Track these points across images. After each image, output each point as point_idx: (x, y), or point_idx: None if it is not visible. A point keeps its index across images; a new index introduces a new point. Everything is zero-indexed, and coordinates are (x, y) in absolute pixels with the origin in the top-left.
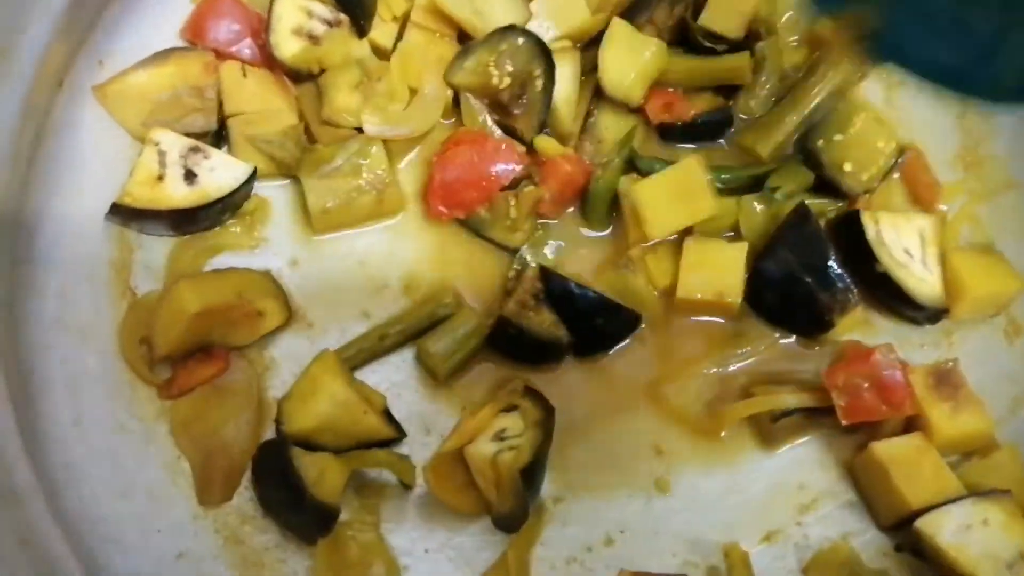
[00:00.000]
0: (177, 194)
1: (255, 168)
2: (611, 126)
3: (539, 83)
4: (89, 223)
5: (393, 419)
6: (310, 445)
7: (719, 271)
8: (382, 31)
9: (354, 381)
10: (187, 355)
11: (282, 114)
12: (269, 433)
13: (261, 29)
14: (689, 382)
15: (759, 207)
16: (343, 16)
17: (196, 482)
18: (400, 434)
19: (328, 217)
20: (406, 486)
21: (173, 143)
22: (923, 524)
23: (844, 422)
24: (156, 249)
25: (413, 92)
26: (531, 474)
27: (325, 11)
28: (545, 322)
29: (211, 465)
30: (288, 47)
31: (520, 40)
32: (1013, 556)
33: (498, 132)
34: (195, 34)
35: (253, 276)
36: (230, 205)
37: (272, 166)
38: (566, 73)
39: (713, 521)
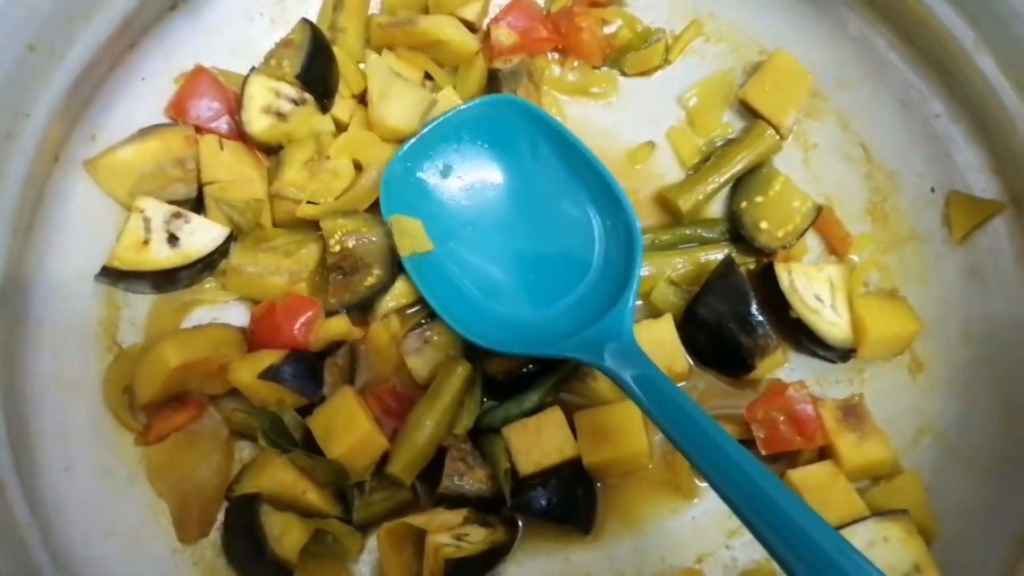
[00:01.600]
0: (161, 256)
1: (231, 230)
2: None
3: (372, 278)
4: (80, 284)
5: (343, 494)
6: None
7: (660, 349)
8: (342, 107)
9: (302, 457)
10: (163, 404)
11: (253, 183)
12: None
13: (237, 107)
14: None
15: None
16: (308, 95)
17: (174, 520)
18: (344, 513)
19: (240, 280)
20: (349, 551)
21: (157, 210)
22: None
23: (763, 452)
24: (140, 306)
25: (359, 168)
26: (458, 571)
27: (291, 91)
28: (483, 478)
29: (187, 505)
30: (258, 123)
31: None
32: (909, 568)
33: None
34: (178, 111)
35: (228, 332)
36: (208, 264)
37: (234, 229)
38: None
39: (652, 545)
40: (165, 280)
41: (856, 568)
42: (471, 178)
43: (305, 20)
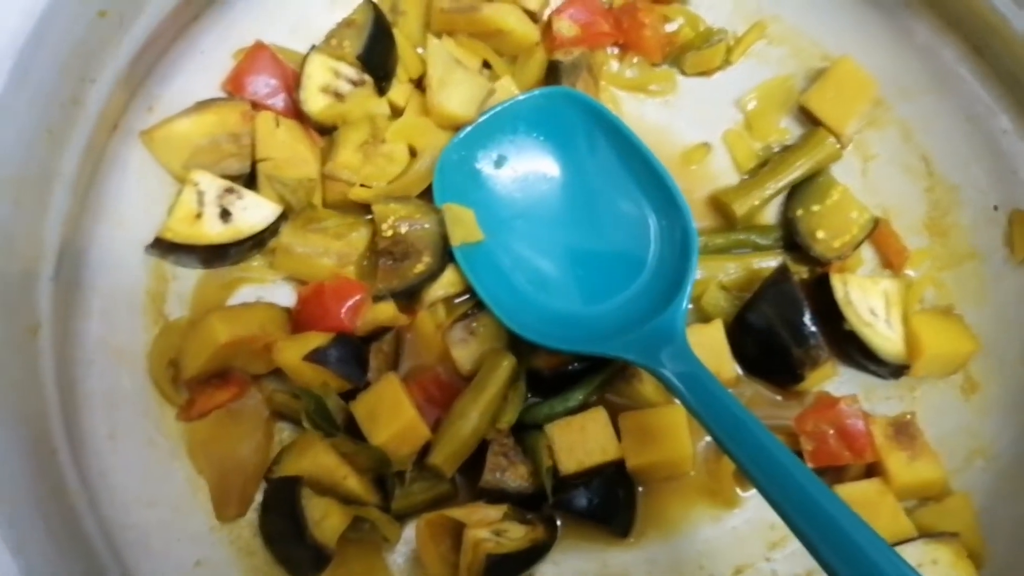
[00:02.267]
0: (213, 231)
1: (283, 209)
2: None
3: (421, 265)
4: (131, 253)
5: (382, 482)
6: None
7: (709, 354)
8: (399, 91)
9: (346, 442)
10: (206, 380)
11: (306, 163)
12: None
13: (294, 85)
14: None
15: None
16: (367, 77)
17: (213, 498)
18: (383, 501)
19: (288, 259)
20: (387, 540)
21: (211, 184)
22: None
23: (811, 465)
24: (187, 280)
25: (414, 153)
26: (499, 568)
27: (351, 72)
28: (524, 475)
29: (226, 483)
30: (315, 103)
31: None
32: None
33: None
34: (236, 87)
35: (274, 311)
36: (259, 242)
37: (286, 207)
38: None
39: (690, 552)
40: (215, 255)
41: None
42: (526, 169)
43: (369, 1)
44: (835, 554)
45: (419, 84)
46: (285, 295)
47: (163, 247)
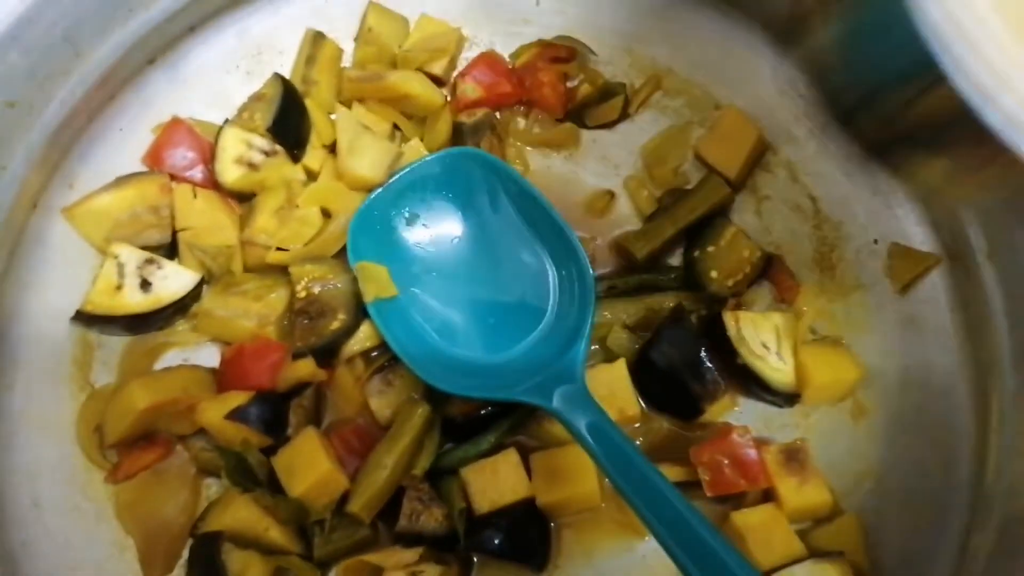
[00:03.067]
0: (133, 301)
1: (204, 275)
2: None
3: (337, 322)
4: (55, 325)
5: (305, 532)
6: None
7: (613, 392)
8: (314, 157)
9: (265, 495)
10: (132, 443)
11: (225, 230)
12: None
13: (211, 156)
14: None
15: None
16: (278, 147)
17: (140, 557)
18: (306, 550)
19: (211, 323)
20: None
21: (131, 256)
22: None
23: (709, 494)
24: (114, 348)
25: (329, 216)
26: None
27: (263, 143)
28: (439, 518)
29: (153, 542)
30: (230, 174)
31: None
32: None
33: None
34: (154, 160)
35: (197, 374)
36: (181, 308)
37: (206, 274)
38: None
39: None
40: (138, 323)
41: None
42: (435, 227)
43: (277, 75)
44: None
45: (333, 149)
46: (210, 356)
47: (85, 319)
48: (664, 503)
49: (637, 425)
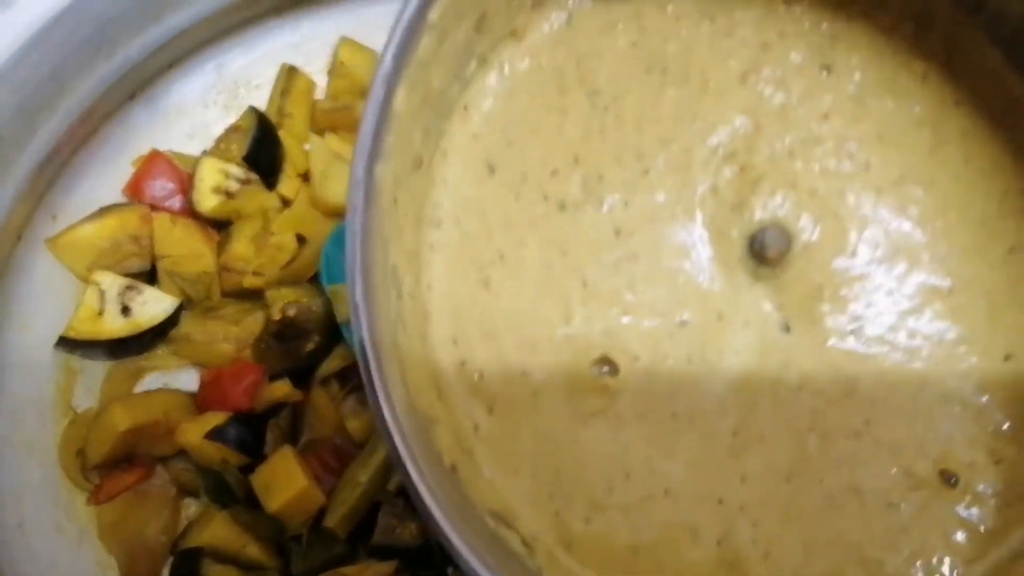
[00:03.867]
0: (114, 326)
1: (182, 300)
2: None
3: (312, 344)
4: (39, 352)
5: (283, 547)
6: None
7: None
8: (288, 185)
9: (243, 512)
10: (114, 465)
11: (203, 257)
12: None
13: (189, 186)
14: None
15: None
16: (253, 175)
17: (122, 575)
18: (283, 566)
19: (190, 347)
20: None
21: (112, 283)
22: None
23: None
24: (96, 373)
25: (303, 241)
26: None
27: (239, 172)
28: (414, 532)
29: (135, 561)
30: (208, 202)
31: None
32: None
33: None
34: (135, 192)
35: (177, 397)
36: (160, 332)
37: (185, 299)
38: None
39: None
40: (118, 348)
41: None
42: None
43: (252, 108)
44: None
45: (306, 177)
46: (190, 380)
47: (68, 344)
48: None
49: None
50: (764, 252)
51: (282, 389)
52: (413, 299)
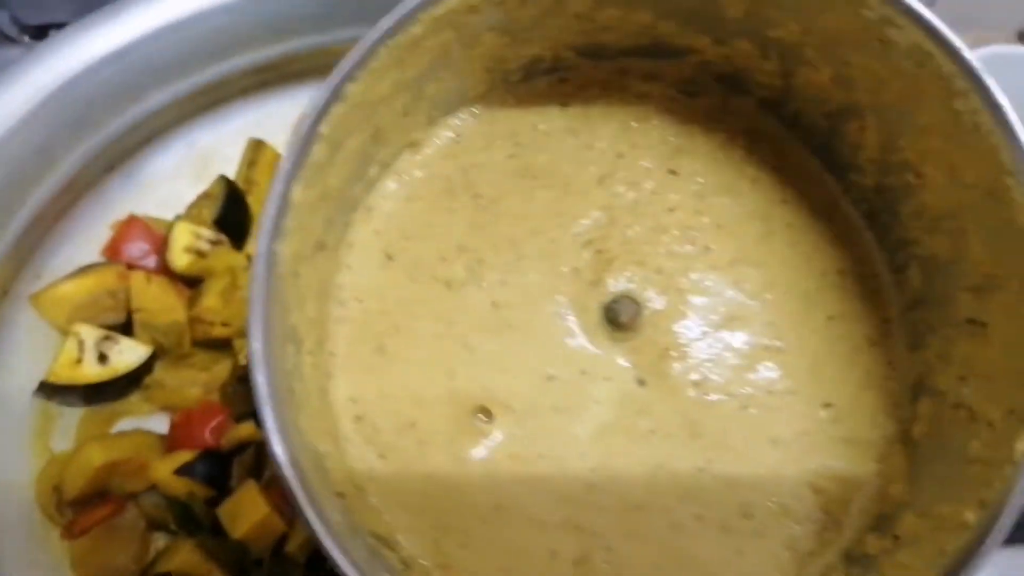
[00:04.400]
0: (92, 372)
1: (155, 349)
2: None
3: None
4: (20, 401)
5: (244, 571)
6: None
7: None
8: (254, 246)
9: (208, 539)
10: (87, 501)
11: (175, 310)
12: None
13: (163, 247)
14: None
15: None
16: (223, 237)
17: None
18: None
19: (162, 392)
20: None
21: (90, 333)
22: None
23: None
24: (72, 418)
25: None
26: None
27: (210, 233)
28: None
29: None
30: (180, 260)
31: None
32: None
33: None
34: (113, 253)
35: (149, 437)
36: (134, 379)
37: (159, 348)
38: None
39: None
40: (95, 394)
41: None
42: None
43: (222, 176)
44: None
45: None
46: (161, 424)
47: (48, 390)
48: None
49: None
50: (618, 318)
51: (247, 429)
52: (314, 357)
